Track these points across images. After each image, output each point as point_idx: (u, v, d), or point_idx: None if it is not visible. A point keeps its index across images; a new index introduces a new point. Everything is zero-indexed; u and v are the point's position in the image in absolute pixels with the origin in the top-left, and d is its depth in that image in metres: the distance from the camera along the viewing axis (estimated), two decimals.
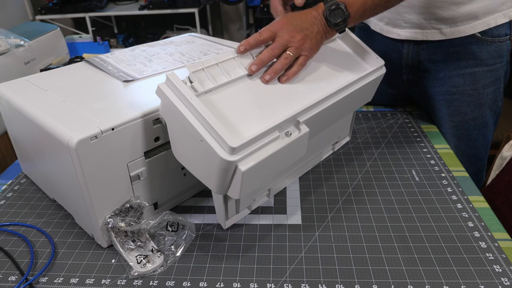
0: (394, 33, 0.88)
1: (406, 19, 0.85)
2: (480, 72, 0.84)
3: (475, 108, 0.86)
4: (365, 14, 0.66)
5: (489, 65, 0.83)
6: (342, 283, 0.53)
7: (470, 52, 0.82)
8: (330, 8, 0.63)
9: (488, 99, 0.86)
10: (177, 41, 0.91)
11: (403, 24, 0.86)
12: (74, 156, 0.52)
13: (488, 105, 0.87)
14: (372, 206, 0.67)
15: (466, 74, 0.84)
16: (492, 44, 0.81)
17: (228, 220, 0.63)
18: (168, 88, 0.53)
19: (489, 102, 0.87)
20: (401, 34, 0.87)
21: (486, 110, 0.87)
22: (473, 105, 0.86)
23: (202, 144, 0.51)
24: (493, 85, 0.85)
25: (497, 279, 0.53)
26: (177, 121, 0.53)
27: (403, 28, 0.86)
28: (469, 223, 0.62)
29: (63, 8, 2.69)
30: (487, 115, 0.88)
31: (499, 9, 0.80)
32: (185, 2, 2.63)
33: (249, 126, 0.54)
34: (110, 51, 1.63)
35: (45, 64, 1.43)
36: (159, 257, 0.58)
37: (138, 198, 0.61)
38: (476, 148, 0.91)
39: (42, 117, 0.58)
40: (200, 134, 0.50)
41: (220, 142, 0.49)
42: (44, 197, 0.73)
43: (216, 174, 0.52)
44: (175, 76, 0.53)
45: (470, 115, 0.87)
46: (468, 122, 0.88)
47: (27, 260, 0.59)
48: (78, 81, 0.70)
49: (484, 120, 0.88)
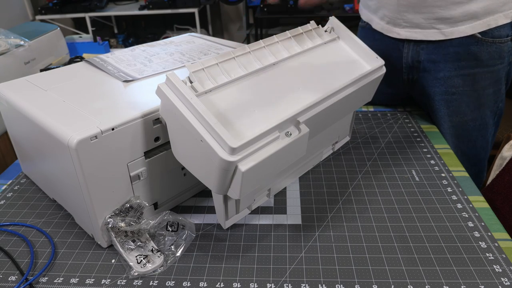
0: (394, 32, 0.88)
1: (406, 19, 0.85)
2: (480, 73, 0.83)
3: (475, 109, 0.86)
4: None
5: (489, 66, 0.83)
6: (342, 283, 0.54)
7: (470, 52, 0.82)
8: None
9: (488, 100, 0.86)
10: (177, 41, 0.91)
11: (403, 23, 0.86)
12: (74, 156, 0.52)
13: (488, 106, 0.87)
14: (372, 206, 0.67)
15: (466, 74, 0.84)
16: (492, 45, 0.81)
17: (228, 220, 0.63)
18: (168, 88, 0.53)
19: (489, 103, 0.87)
20: (401, 34, 0.87)
21: (486, 111, 0.87)
22: (473, 106, 0.86)
23: (202, 144, 0.51)
24: (493, 86, 0.85)
25: (497, 279, 0.53)
26: (177, 121, 0.53)
27: (403, 28, 0.87)
28: (469, 223, 0.62)
29: (63, 8, 2.69)
30: (487, 116, 0.88)
31: (501, 9, 0.79)
32: (185, 2, 2.63)
33: (249, 126, 0.54)
34: (110, 51, 1.63)
35: (45, 64, 1.43)
36: (159, 257, 0.58)
37: (138, 198, 0.61)
38: (475, 149, 0.91)
39: (42, 117, 0.58)
40: (200, 134, 0.50)
41: (220, 142, 0.49)
42: (44, 197, 0.73)
43: (216, 174, 0.52)
44: (175, 76, 0.52)
45: (470, 115, 0.87)
46: (468, 123, 0.88)
47: (27, 260, 0.59)
48: (78, 81, 0.70)
49: (484, 121, 0.88)
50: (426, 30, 0.84)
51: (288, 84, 0.63)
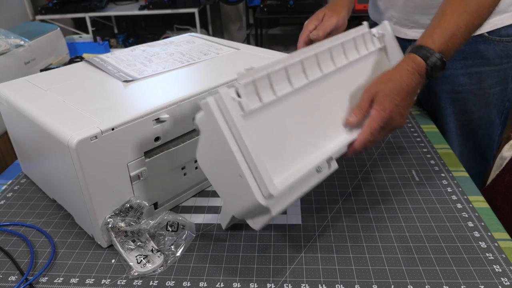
0: (402, 33, 0.89)
1: (413, 20, 0.85)
2: (486, 71, 0.83)
3: (481, 108, 0.86)
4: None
5: (496, 64, 0.83)
6: (342, 283, 0.53)
7: (476, 51, 0.82)
8: (435, 64, 0.60)
9: (494, 98, 0.86)
10: (177, 41, 0.91)
11: (411, 24, 0.86)
12: (74, 156, 0.52)
13: (495, 105, 0.87)
14: (372, 206, 0.67)
15: (473, 73, 0.84)
16: (499, 44, 0.81)
17: (229, 222, 0.63)
18: (216, 105, 0.48)
19: (495, 102, 0.86)
20: (409, 34, 0.87)
21: (492, 109, 0.87)
22: (479, 105, 0.86)
23: (240, 178, 0.48)
24: (500, 85, 0.85)
25: (497, 279, 0.53)
26: (217, 142, 0.49)
27: (411, 28, 0.87)
28: (469, 223, 0.62)
29: (63, 8, 2.69)
30: (493, 115, 0.87)
31: (507, 10, 0.79)
32: (185, 2, 2.63)
33: (288, 159, 0.53)
34: (110, 51, 1.63)
35: (45, 64, 1.43)
36: (159, 257, 0.58)
37: (138, 198, 0.61)
38: (481, 148, 0.91)
39: (42, 117, 0.58)
40: (241, 169, 0.48)
41: (259, 184, 0.48)
42: (44, 197, 0.73)
43: (243, 206, 0.51)
44: (227, 95, 0.48)
45: (476, 114, 0.87)
46: (474, 122, 0.87)
47: (27, 260, 0.59)
48: (78, 81, 0.70)
49: (490, 119, 0.88)
50: None
51: (329, 107, 0.61)
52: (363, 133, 0.58)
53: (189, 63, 0.76)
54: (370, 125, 0.58)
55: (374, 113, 0.58)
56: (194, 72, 0.72)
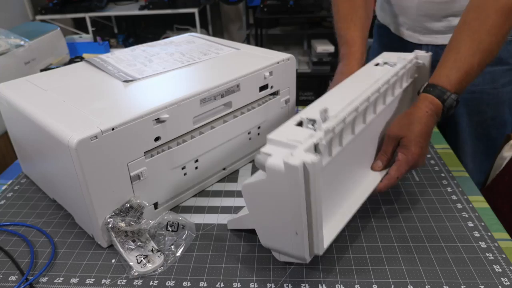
0: (415, 38, 0.90)
1: (426, 26, 0.86)
2: (499, 70, 0.83)
3: (494, 107, 0.86)
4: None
5: (509, 64, 0.83)
6: (342, 283, 0.53)
7: None
8: (451, 105, 0.62)
9: (507, 98, 0.86)
10: (177, 41, 0.91)
11: (423, 30, 0.87)
12: (74, 156, 0.52)
13: (508, 104, 0.87)
14: (372, 206, 0.67)
15: (485, 72, 0.83)
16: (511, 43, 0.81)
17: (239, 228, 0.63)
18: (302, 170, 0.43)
19: (508, 101, 0.87)
20: (422, 40, 0.88)
21: (505, 109, 0.87)
22: (492, 104, 0.86)
23: (295, 234, 0.47)
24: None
25: (497, 279, 0.53)
26: (283, 196, 0.46)
27: (424, 34, 0.87)
28: (469, 223, 0.62)
29: (63, 8, 2.69)
30: (506, 114, 0.88)
31: None
32: (185, 2, 2.63)
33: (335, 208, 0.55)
34: (110, 51, 1.63)
35: (45, 64, 1.44)
36: (159, 257, 0.58)
37: (138, 198, 0.61)
38: (495, 148, 0.91)
39: (42, 117, 0.58)
40: (301, 228, 0.46)
41: (312, 243, 0.48)
42: (44, 197, 0.73)
43: (282, 249, 0.53)
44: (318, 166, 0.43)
45: (489, 114, 0.87)
46: (487, 121, 0.88)
47: (27, 260, 0.59)
48: (78, 81, 0.70)
49: (503, 119, 0.88)
50: (447, 34, 0.84)
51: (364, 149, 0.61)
52: (390, 178, 0.60)
53: (189, 63, 0.76)
54: (398, 169, 0.60)
55: (402, 158, 0.60)
56: (194, 72, 0.72)
